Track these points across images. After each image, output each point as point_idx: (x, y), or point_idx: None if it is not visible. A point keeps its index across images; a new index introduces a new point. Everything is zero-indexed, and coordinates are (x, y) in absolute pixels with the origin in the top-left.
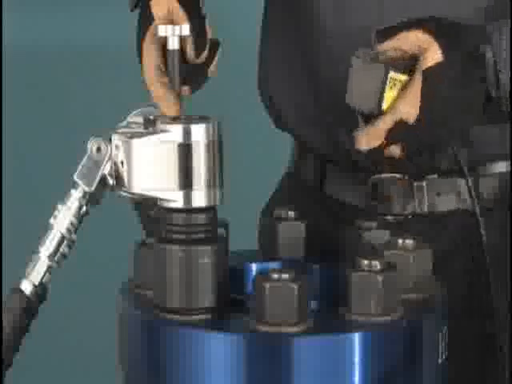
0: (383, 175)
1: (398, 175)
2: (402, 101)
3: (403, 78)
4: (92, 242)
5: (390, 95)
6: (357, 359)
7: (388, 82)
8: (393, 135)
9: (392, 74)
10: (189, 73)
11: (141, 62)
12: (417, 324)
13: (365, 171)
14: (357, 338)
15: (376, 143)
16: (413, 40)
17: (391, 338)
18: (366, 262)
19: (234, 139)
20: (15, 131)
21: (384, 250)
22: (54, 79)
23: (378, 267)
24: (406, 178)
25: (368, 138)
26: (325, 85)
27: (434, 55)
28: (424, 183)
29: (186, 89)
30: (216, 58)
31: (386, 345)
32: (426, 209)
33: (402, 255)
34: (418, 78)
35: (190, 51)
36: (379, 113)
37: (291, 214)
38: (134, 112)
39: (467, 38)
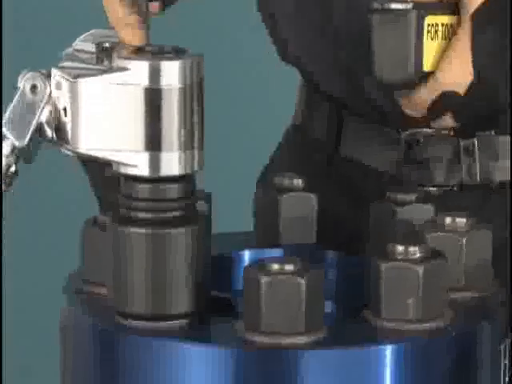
0: (420, 130)
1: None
2: (446, 68)
3: (446, 19)
4: (27, 216)
5: (432, 48)
6: (388, 380)
7: (426, 32)
8: (440, 106)
9: (429, 18)
10: None
11: None
12: (471, 333)
13: (396, 125)
14: (388, 351)
15: (420, 114)
16: None
17: (435, 352)
18: (400, 248)
19: (224, 90)
20: None
21: (426, 231)
22: None
23: (418, 255)
24: (451, 134)
25: (410, 109)
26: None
27: None
28: (476, 142)
29: (155, 5)
30: None
31: (429, 361)
32: (477, 178)
33: (451, 238)
34: (465, 28)
35: None
36: (421, 78)
37: (298, 182)
38: (84, 35)
39: None
